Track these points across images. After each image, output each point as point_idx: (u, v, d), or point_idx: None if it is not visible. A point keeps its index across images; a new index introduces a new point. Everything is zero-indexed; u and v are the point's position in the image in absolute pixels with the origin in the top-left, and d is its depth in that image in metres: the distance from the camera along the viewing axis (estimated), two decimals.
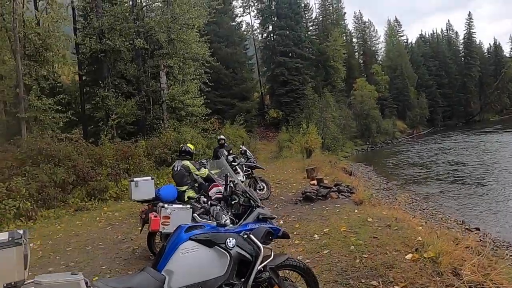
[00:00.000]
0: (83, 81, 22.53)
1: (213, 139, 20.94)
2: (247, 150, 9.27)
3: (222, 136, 10.14)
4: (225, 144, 10.07)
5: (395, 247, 4.37)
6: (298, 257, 4.53)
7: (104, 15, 19.15)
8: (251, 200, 3.12)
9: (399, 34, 60.65)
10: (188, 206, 5.28)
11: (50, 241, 7.00)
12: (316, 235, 5.39)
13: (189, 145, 5.97)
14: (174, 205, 5.19)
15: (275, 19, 38.45)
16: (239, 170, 7.37)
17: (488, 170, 19.34)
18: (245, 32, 38.60)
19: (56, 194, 10.20)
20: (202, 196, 3.63)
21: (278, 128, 32.66)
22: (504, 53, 76.06)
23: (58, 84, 23.31)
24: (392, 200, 12.57)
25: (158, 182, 14.16)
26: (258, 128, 36.90)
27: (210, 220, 3.10)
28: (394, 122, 47.61)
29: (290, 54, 38.15)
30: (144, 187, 5.21)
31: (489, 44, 76.60)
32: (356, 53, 56.41)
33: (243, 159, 9.28)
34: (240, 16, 39.51)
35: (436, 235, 4.52)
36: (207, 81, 23.74)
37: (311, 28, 45.54)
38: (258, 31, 41.79)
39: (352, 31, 58.63)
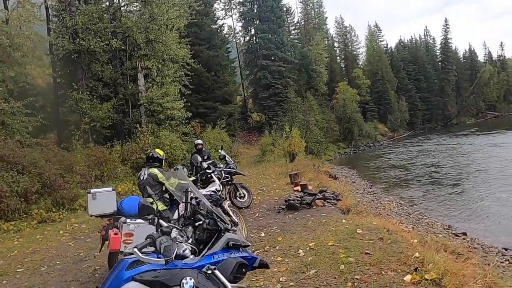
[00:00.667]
0: (58, 83, 21.41)
1: (192, 144, 20.18)
2: (226, 155, 8.60)
3: (199, 141, 9.44)
4: (203, 149, 9.35)
5: (391, 265, 3.79)
6: (281, 279, 3.89)
7: (78, 14, 18.15)
8: (218, 222, 2.41)
9: (379, 39, 61.35)
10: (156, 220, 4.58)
11: (1, 260, 6.13)
12: (301, 250, 4.77)
13: (157, 150, 5.26)
14: (138, 220, 4.47)
15: (257, 22, 38.02)
16: (215, 178, 6.69)
17: (465, 171, 19.46)
18: (227, 35, 37.98)
19: (17, 205, 9.23)
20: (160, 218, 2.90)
21: (261, 131, 32.09)
22: (479, 58, 78.28)
23: (30, 87, 22.08)
24: (377, 205, 12.13)
25: (133, 190, 13.32)
26: (241, 132, 36.24)
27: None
28: (375, 125, 47.84)
29: (272, 58, 37.73)
30: (103, 199, 4.47)
31: (464, 49, 78.78)
32: (338, 57, 56.64)
33: (222, 165, 8.60)
34: (222, 19, 38.83)
35: (435, 251, 3.96)
36: (187, 83, 22.95)
37: (293, 32, 45.39)
38: (241, 34, 41.27)
39: (334, 35, 58.97)
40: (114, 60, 20.41)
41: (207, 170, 5.57)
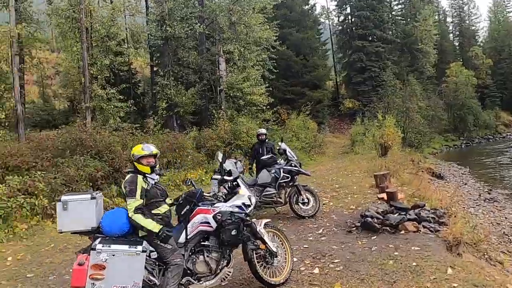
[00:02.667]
0: (154, 71, 22.20)
1: (274, 131, 18.71)
2: (288, 149, 6.77)
3: (262, 130, 7.76)
4: (266, 140, 7.67)
5: None
6: None
7: (165, 1, 18.05)
8: None
9: (507, 9, 50.07)
10: (139, 248, 3.10)
11: (32, 255, 5.55)
12: None
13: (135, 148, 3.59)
14: (115, 246, 3.06)
15: None
16: (242, 187, 4.68)
17: None
18: (319, 16, 35.08)
19: (82, 189, 9.02)
20: None
21: (353, 119, 28.95)
22: None
23: (128, 75, 23.42)
24: (502, 221, 8.80)
25: (203, 178, 12.46)
26: (331, 119, 33.46)
27: None
28: (497, 114, 39.38)
29: (370, 38, 33.56)
30: (78, 210, 3.18)
31: None
32: (451, 34, 48.14)
33: (282, 161, 6.80)
34: None
35: None
36: (272, 67, 21.42)
37: (395, 7, 39.76)
38: (334, 13, 37.78)
39: (446, 9, 50.23)
40: (200, 45, 20.03)
41: (226, 177, 3.86)
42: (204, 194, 3.85)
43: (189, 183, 3.98)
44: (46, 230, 7.44)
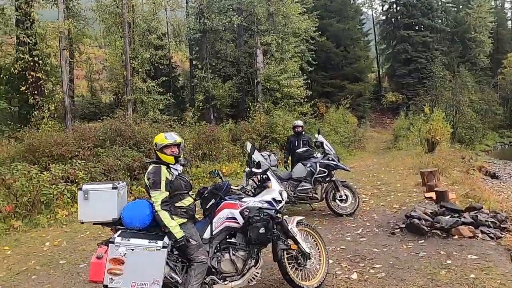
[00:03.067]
0: (194, 64, 22.41)
1: (312, 125, 18.12)
2: (325, 142, 6.29)
3: (298, 122, 7.33)
4: (303, 133, 7.25)
5: None
6: None
7: None
8: None
9: None
10: (159, 243, 2.87)
11: (68, 242, 5.62)
12: None
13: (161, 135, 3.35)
14: (134, 240, 2.85)
15: None
16: (273, 180, 4.13)
17: None
18: (361, 5, 33.49)
19: (119, 178, 9.17)
20: None
21: (396, 113, 27.43)
22: None
23: (168, 68, 23.84)
24: None
25: (238, 171, 12.26)
26: (373, 113, 32.01)
27: None
28: None
29: (416, 27, 31.57)
30: (99, 200, 3.02)
31: None
32: (509, 22, 43.93)
33: (318, 155, 6.35)
34: None
35: None
36: (310, 59, 20.72)
37: None
38: (378, 2, 35.88)
39: None
40: (238, 38, 19.84)
41: (254, 169, 3.48)
42: (232, 187, 3.55)
43: (216, 175, 3.70)
44: None
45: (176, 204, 3.16)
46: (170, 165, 3.23)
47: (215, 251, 3.23)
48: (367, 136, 23.78)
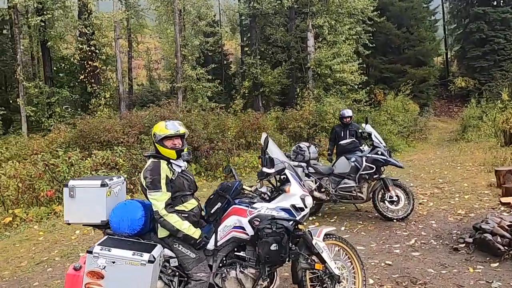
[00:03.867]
0: (244, 52, 22.02)
1: (366, 113, 16.65)
2: (374, 133, 5.31)
3: (348, 111, 6.37)
4: (351, 123, 6.32)
5: None
6: None
7: None
8: None
9: None
10: (145, 256, 2.34)
11: (95, 231, 5.48)
12: None
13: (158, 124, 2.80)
14: (116, 251, 2.36)
15: None
16: (293, 182, 3.16)
17: None
18: None
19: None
20: None
21: (467, 101, 24.37)
22: None
23: (218, 56, 23.68)
24: None
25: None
26: (438, 101, 28.92)
27: None
28: None
29: (494, 2, 27.48)
30: (85, 199, 2.58)
31: None
32: None
33: (365, 148, 5.41)
34: None
35: None
36: (367, 42, 18.99)
37: None
38: None
39: None
40: (290, 22, 18.84)
41: (266, 169, 2.71)
42: (245, 187, 2.91)
43: (229, 172, 3.08)
44: None
45: (177, 208, 2.62)
46: (172, 161, 2.68)
47: (220, 265, 2.64)
48: (430, 126, 21.45)
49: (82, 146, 9.92)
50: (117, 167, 8.11)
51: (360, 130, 5.62)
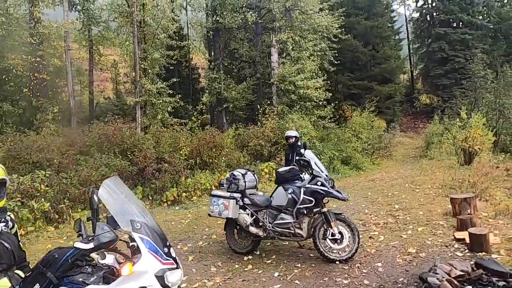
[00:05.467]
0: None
1: (330, 130, 16.25)
2: (314, 160, 4.60)
3: (291, 132, 5.68)
4: (299, 144, 5.61)
5: None
6: None
7: None
8: None
9: None
10: None
11: None
12: None
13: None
14: None
15: None
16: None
17: None
18: (392, 1, 30.82)
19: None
20: None
21: (431, 117, 24.71)
22: None
23: (192, 70, 22.90)
24: None
25: None
26: (404, 117, 29.28)
27: None
28: None
29: (454, 24, 28.45)
30: None
31: None
32: None
33: (306, 176, 4.69)
34: None
35: None
36: (332, 58, 18.79)
37: None
38: None
39: None
40: (256, 37, 18.35)
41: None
42: (94, 256, 2.05)
43: (78, 228, 2.19)
44: (43, 237, 6.46)
45: None
46: None
47: None
48: (396, 141, 21.39)
49: (12, 168, 8.70)
50: (37, 194, 6.99)
51: (297, 158, 4.87)
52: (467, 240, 4.27)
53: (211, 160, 11.17)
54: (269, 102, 15.92)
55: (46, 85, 13.99)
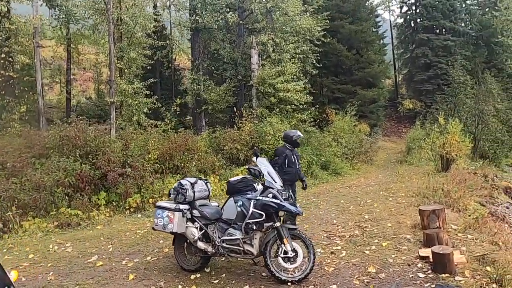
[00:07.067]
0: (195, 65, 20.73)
1: (311, 133, 15.88)
2: (268, 170, 4.14)
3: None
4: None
5: None
6: None
7: None
8: None
9: None
10: None
11: None
12: None
13: None
14: None
15: None
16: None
17: None
18: (376, 7, 30.88)
19: (48, 199, 7.36)
20: None
21: (414, 122, 24.73)
22: None
23: (176, 71, 22.32)
24: None
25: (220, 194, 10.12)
26: (388, 121, 29.30)
27: None
28: None
29: (437, 30, 28.66)
30: None
31: None
32: None
33: (258, 186, 4.24)
34: None
35: None
36: (314, 61, 18.49)
37: None
38: (396, 2, 33.12)
39: None
40: (238, 38, 17.90)
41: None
42: None
43: None
44: None
45: None
46: None
47: None
48: (379, 146, 21.24)
49: None
50: None
51: (247, 167, 4.41)
52: (431, 260, 3.88)
53: (183, 164, 10.65)
54: (246, 104, 15.49)
55: (12, 83, 13.25)
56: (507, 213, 9.96)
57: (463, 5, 31.13)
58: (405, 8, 31.16)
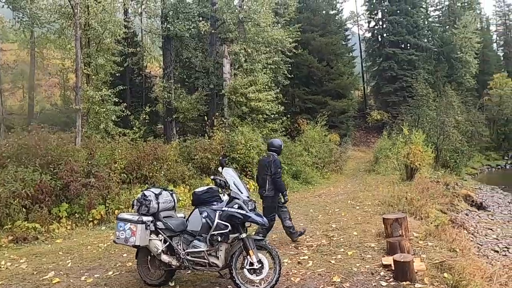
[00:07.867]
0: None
1: (284, 143, 15.96)
2: (234, 180, 4.10)
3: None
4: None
5: None
6: None
7: None
8: None
9: None
10: None
11: None
12: None
13: None
14: None
15: (386, 3, 30.76)
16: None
17: None
18: (346, 20, 32.07)
19: (3, 212, 6.90)
20: None
21: (381, 132, 25.62)
22: None
23: (147, 79, 21.85)
24: None
25: (183, 198, 9.95)
26: (358, 131, 30.18)
27: None
28: None
29: (402, 45, 30.16)
30: None
31: None
32: (495, 44, 42.92)
33: (226, 196, 4.18)
34: (342, 2, 32.99)
35: None
36: (286, 72, 18.81)
37: (432, 13, 35.80)
38: (364, 17, 34.55)
39: (490, 16, 44.97)
40: (210, 47, 17.88)
41: None
42: None
43: None
44: None
45: None
46: None
47: None
48: (349, 155, 21.74)
49: None
50: None
51: (212, 177, 4.35)
52: (392, 269, 3.97)
53: (151, 174, 10.36)
54: (218, 113, 15.44)
55: None
56: (467, 220, 10.49)
57: (426, 22, 33.01)
58: (372, 23, 32.60)
